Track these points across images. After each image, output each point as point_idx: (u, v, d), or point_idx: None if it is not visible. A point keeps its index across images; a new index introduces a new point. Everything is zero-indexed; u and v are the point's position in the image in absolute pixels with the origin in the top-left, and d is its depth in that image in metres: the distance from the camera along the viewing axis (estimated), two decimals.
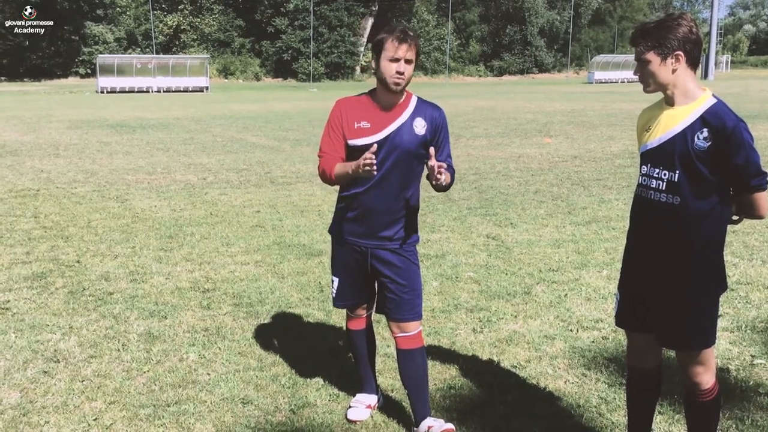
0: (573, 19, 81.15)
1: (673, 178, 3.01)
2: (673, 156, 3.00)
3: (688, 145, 2.96)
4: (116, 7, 63.61)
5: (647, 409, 3.47)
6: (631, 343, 3.36)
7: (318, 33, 65.77)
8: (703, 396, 3.19)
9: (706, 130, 2.93)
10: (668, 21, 2.97)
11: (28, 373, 4.57)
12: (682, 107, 3.04)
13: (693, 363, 3.15)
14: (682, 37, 2.94)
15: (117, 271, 6.78)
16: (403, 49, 3.47)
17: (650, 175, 3.09)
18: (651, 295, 3.16)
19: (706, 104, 2.99)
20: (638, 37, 3.00)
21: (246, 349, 4.95)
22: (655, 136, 3.09)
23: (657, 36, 2.95)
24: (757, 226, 8.35)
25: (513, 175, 12.49)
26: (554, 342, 5.04)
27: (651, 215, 3.11)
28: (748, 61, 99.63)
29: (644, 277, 3.18)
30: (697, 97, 3.02)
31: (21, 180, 12.11)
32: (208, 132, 20.34)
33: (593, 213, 9.22)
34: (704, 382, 3.17)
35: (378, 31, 3.70)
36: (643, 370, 3.36)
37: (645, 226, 3.15)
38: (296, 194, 10.76)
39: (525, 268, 6.80)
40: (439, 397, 4.22)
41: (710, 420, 3.30)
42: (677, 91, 3.03)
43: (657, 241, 3.10)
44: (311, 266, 6.89)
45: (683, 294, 3.07)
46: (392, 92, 3.55)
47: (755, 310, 5.64)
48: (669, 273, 3.08)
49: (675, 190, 3.01)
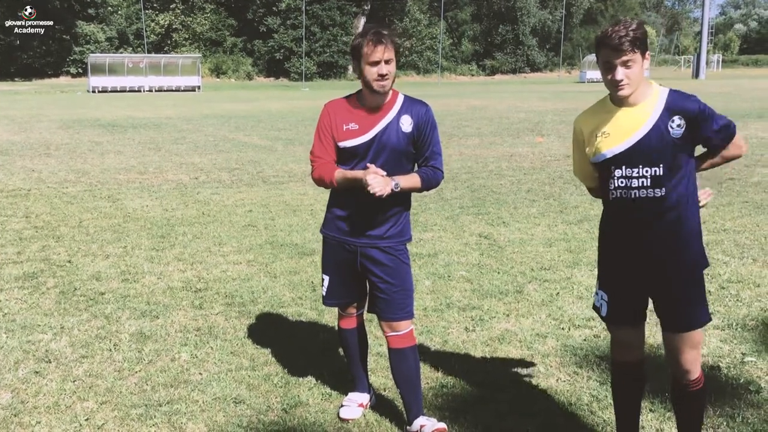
0: (565, 19, 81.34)
1: (657, 172, 3.09)
2: (652, 151, 3.08)
3: (665, 137, 3.07)
4: (108, 7, 63.37)
5: (635, 404, 3.52)
6: (621, 338, 3.39)
7: (310, 32, 65.72)
8: (693, 385, 3.28)
9: (677, 117, 3.08)
10: (638, 24, 3.05)
11: (19, 374, 4.56)
12: (642, 104, 3.12)
13: (688, 348, 3.22)
14: (647, 38, 3.10)
15: (108, 270, 6.76)
16: (380, 51, 3.45)
17: (629, 176, 3.13)
18: (649, 285, 3.23)
19: (663, 94, 3.13)
20: (625, 40, 2.99)
21: (238, 348, 4.95)
22: (622, 139, 3.13)
23: (640, 37, 3.02)
24: (748, 225, 8.39)
25: (505, 174, 12.51)
26: (546, 340, 5.05)
27: (636, 212, 3.16)
28: (740, 60, 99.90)
29: (639, 271, 3.22)
30: (650, 92, 3.14)
31: (12, 180, 12.06)
32: (200, 131, 20.29)
33: (585, 212, 9.24)
34: (695, 370, 3.25)
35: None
36: (631, 365, 3.40)
37: (631, 225, 3.19)
38: (288, 193, 10.75)
39: (517, 266, 6.82)
40: (432, 395, 4.23)
41: (701, 408, 3.40)
42: (638, 91, 3.12)
43: (647, 234, 3.16)
44: (303, 265, 6.89)
45: (680, 276, 3.18)
46: (378, 94, 3.56)
47: (746, 308, 5.66)
48: (663, 258, 3.16)
49: (659, 183, 3.10)
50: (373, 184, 3.40)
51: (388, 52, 3.48)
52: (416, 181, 3.62)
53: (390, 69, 3.50)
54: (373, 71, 3.48)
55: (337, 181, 3.61)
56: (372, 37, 3.46)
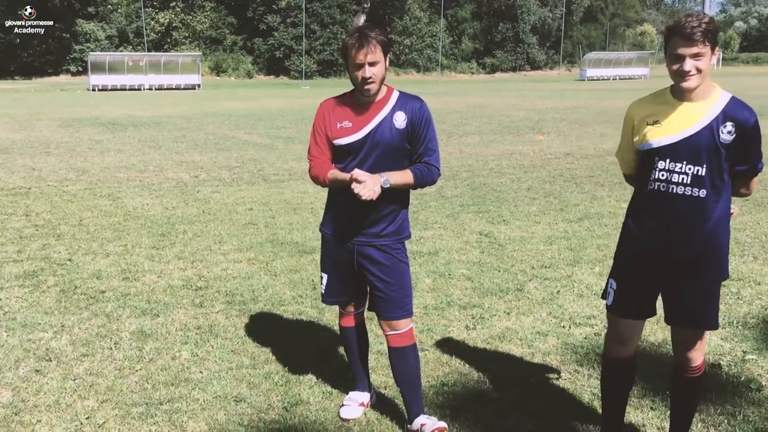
0: (565, 17, 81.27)
1: (699, 172, 3.10)
2: (700, 150, 3.09)
3: (714, 140, 3.07)
4: (108, 5, 63.30)
5: (623, 397, 3.58)
6: (619, 330, 3.41)
7: (310, 30, 65.68)
8: (691, 371, 3.35)
9: (730, 123, 3.07)
10: (710, 19, 3.05)
11: (20, 372, 4.56)
12: (701, 102, 3.11)
13: (693, 342, 3.31)
14: (717, 34, 3.08)
15: (109, 269, 6.76)
16: (363, 54, 3.42)
17: (671, 170, 3.14)
18: (672, 280, 3.25)
19: (724, 98, 3.12)
20: (698, 31, 2.99)
21: (239, 347, 4.95)
22: (673, 131, 3.13)
23: (712, 31, 3.01)
24: (748, 223, 8.39)
25: (505, 172, 12.50)
26: (547, 338, 5.05)
27: (674, 208, 3.16)
28: (740, 58, 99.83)
29: (666, 265, 3.23)
30: (712, 92, 3.13)
31: (12, 178, 12.06)
32: (200, 130, 20.29)
33: (585, 210, 9.24)
34: (695, 358, 3.33)
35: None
36: (623, 359, 3.44)
37: (666, 219, 3.19)
38: (289, 192, 10.75)
39: (517, 265, 6.82)
40: (432, 394, 4.23)
41: (695, 396, 3.47)
42: (702, 87, 3.10)
43: (683, 232, 3.16)
44: (304, 264, 6.89)
45: (706, 278, 3.21)
46: (367, 97, 3.55)
47: (747, 306, 5.66)
48: (694, 260, 3.18)
49: (700, 183, 3.11)
50: (359, 191, 3.39)
51: (372, 54, 3.43)
52: (408, 178, 3.59)
53: (375, 71, 3.46)
54: (358, 75, 3.47)
55: (330, 180, 3.62)
56: (354, 41, 3.43)
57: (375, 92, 3.53)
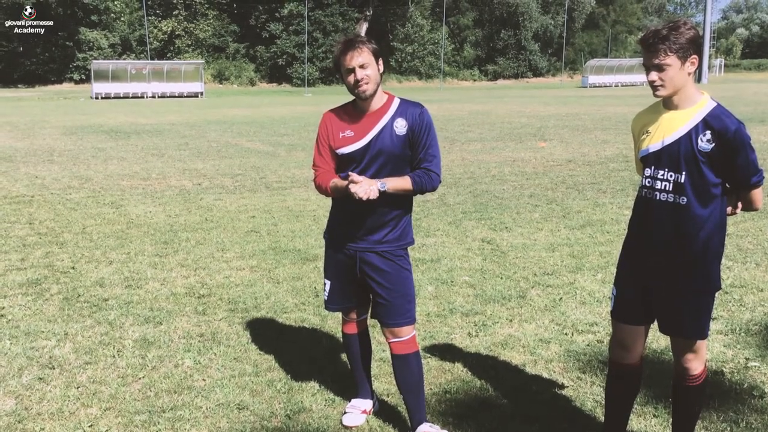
0: (567, 24, 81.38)
1: (679, 179, 3.13)
2: (679, 158, 3.12)
3: (692, 147, 3.09)
4: (111, 13, 63.50)
5: (626, 405, 3.58)
6: (622, 336, 3.44)
7: (312, 38, 65.83)
8: (690, 380, 3.36)
9: (709, 132, 3.07)
10: (681, 26, 3.03)
11: (23, 380, 4.57)
12: (684, 110, 3.14)
13: (687, 350, 3.33)
14: (695, 41, 3.05)
15: (112, 277, 6.77)
16: (349, 58, 3.47)
17: (655, 177, 3.19)
18: (658, 287, 3.28)
19: (707, 107, 3.12)
20: (657, 42, 3.01)
21: (241, 354, 4.95)
22: (657, 139, 3.19)
23: (676, 40, 3.00)
24: (751, 230, 8.38)
25: (508, 179, 12.51)
26: (549, 346, 5.05)
27: (657, 215, 3.20)
28: (742, 64, 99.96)
29: (651, 272, 3.28)
30: (697, 101, 3.14)
31: (15, 186, 12.09)
32: (203, 137, 20.32)
33: (588, 217, 9.24)
34: (693, 368, 3.34)
35: (372, 35, 3.71)
36: (628, 366, 3.45)
37: (651, 226, 3.24)
38: (291, 199, 10.76)
39: (520, 272, 6.82)
40: (435, 401, 4.23)
41: (694, 404, 3.46)
42: (682, 95, 3.13)
43: (665, 239, 3.20)
44: (306, 271, 6.90)
45: (688, 287, 3.22)
46: (363, 100, 3.58)
47: (749, 313, 5.66)
48: (676, 268, 3.20)
49: (681, 190, 3.13)
50: (356, 191, 3.43)
51: (360, 57, 3.48)
52: (406, 183, 3.60)
53: (366, 73, 3.50)
54: (349, 80, 3.52)
55: (332, 189, 3.66)
56: (342, 46, 3.52)
57: (371, 94, 3.55)
